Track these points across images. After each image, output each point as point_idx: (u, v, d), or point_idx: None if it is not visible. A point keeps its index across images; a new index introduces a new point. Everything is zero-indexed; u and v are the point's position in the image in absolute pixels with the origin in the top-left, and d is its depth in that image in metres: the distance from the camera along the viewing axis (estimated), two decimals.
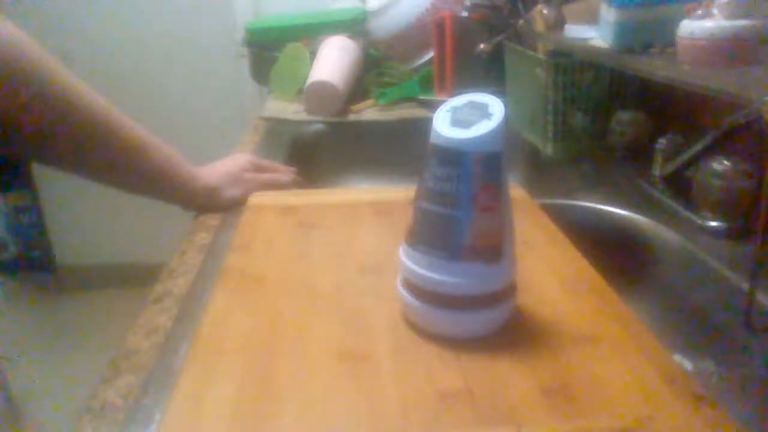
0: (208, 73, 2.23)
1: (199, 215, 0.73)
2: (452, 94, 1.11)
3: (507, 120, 0.40)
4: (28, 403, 1.81)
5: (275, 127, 1.16)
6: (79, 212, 2.38)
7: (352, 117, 1.17)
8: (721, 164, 0.63)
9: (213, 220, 0.71)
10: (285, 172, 0.82)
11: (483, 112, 0.41)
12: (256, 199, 0.71)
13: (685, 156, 0.71)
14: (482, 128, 0.40)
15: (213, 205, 0.73)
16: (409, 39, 1.25)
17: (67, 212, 2.40)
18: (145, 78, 2.23)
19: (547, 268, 0.54)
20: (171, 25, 2.19)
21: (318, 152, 1.14)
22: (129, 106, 0.67)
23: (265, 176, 0.78)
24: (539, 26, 0.89)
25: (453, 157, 0.40)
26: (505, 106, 0.41)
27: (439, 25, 1.16)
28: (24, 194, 2.42)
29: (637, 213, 0.73)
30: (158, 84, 2.25)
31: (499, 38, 1.09)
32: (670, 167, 0.74)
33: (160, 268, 0.61)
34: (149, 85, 2.23)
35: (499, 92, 1.03)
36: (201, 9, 2.16)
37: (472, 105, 0.42)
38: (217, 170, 0.75)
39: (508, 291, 0.44)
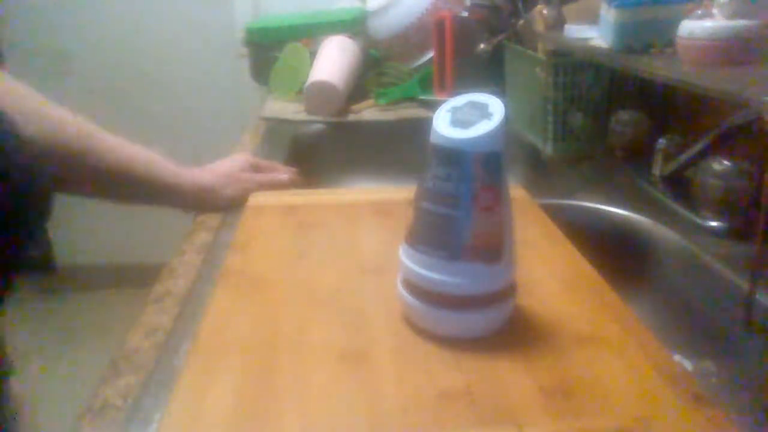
0: (208, 73, 2.22)
1: (198, 215, 0.73)
2: (452, 94, 1.11)
3: (507, 120, 0.40)
4: (29, 403, 1.81)
5: (275, 127, 1.16)
6: (79, 212, 2.37)
7: (352, 117, 1.17)
8: (721, 164, 0.63)
9: (213, 220, 0.71)
10: (283, 172, 0.82)
11: (483, 112, 0.41)
12: (256, 199, 0.71)
13: (685, 156, 0.71)
14: (482, 128, 0.40)
15: (210, 205, 0.73)
16: (409, 39, 1.25)
17: (67, 212, 2.40)
18: (144, 78, 2.23)
19: (547, 268, 0.54)
20: (171, 25, 2.19)
21: (318, 152, 1.14)
22: (129, 106, 0.68)
23: (263, 176, 0.79)
24: (539, 26, 0.89)
25: (453, 157, 0.40)
26: (505, 106, 0.41)
27: (439, 25, 1.16)
28: None
29: (637, 213, 0.73)
30: (158, 84, 2.25)
31: (499, 38, 1.09)
32: (670, 167, 0.74)
33: (160, 268, 0.61)
34: (149, 85, 2.23)
35: (499, 92, 1.03)
36: (201, 9, 2.16)
37: (472, 105, 0.42)
38: (214, 171, 0.76)
39: (508, 291, 0.44)
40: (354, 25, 1.31)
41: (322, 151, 1.15)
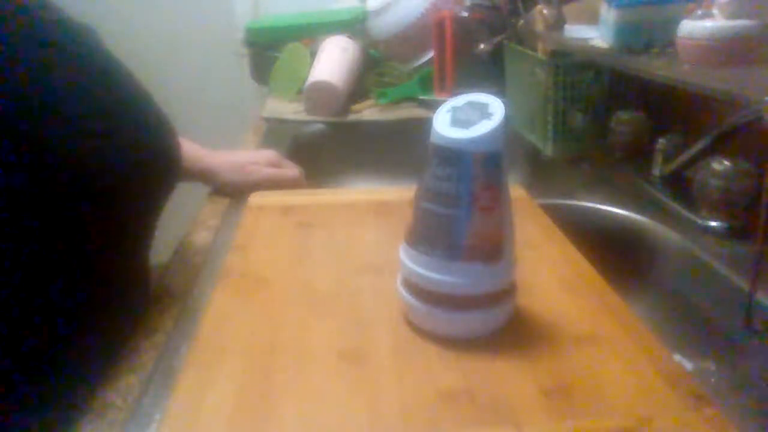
0: (208, 73, 2.22)
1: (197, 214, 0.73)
2: (452, 94, 1.11)
3: (507, 120, 0.40)
4: None
5: (275, 127, 1.16)
6: None
7: (352, 117, 1.17)
8: (721, 164, 0.63)
9: (213, 219, 0.72)
10: (291, 168, 0.83)
11: (483, 112, 0.41)
12: (256, 199, 0.70)
13: (685, 156, 0.71)
14: (482, 128, 0.40)
15: (211, 184, 0.78)
16: (409, 39, 1.25)
17: None
18: (144, 78, 2.22)
19: (547, 268, 0.54)
20: (171, 25, 2.19)
21: (318, 152, 1.14)
22: None
23: (269, 169, 0.80)
24: (539, 26, 0.89)
25: (453, 157, 0.40)
26: (505, 106, 0.41)
27: (439, 25, 1.16)
28: None
29: (637, 213, 0.73)
30: (158, 84, 2.24)
31: (499, 38, 1.09)
32: (670, 167, 0.74)
33: (160, 268, 0.61)
34: (149, 85, 2.23)
35: (499, 92, 1.03)
36: (201, 9, 2.16)
37: (472, 105, 0.42)
38: (224, 156, 0.80)
39: (508, 291, 0.44)
40: (354, 25, 1.31)
41: (322, 151, 1.15)
